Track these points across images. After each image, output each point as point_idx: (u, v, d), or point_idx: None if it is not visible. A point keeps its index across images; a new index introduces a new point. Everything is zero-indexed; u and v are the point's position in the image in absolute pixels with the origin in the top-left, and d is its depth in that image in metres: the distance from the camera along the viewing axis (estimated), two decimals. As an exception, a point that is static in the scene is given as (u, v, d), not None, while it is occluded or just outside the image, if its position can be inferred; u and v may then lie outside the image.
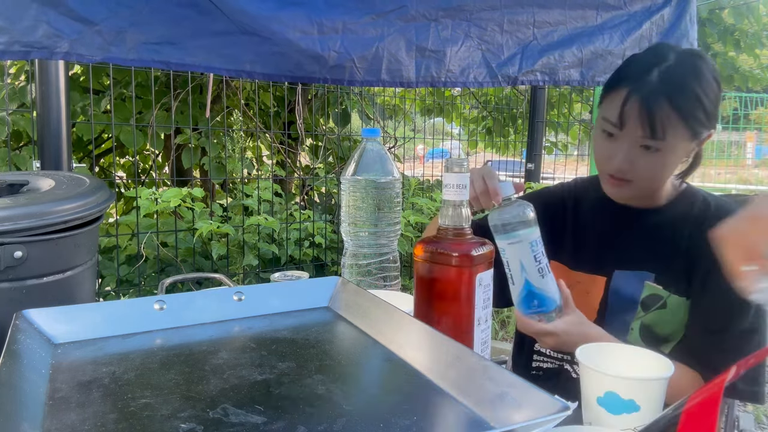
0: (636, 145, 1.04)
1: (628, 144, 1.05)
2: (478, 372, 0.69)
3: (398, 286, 1.32)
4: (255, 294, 1.00)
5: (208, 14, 1.48)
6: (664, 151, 1.04)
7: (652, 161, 1.05)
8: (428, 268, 0.87)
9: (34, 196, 1.02)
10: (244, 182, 3.46)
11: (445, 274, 0.86)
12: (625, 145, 1.05)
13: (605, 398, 0.69)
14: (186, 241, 3.01)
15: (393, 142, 4.44)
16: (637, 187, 1.10)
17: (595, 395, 0.70)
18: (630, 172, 1.07)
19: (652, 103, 1.01)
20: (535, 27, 1.88)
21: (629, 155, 1.05)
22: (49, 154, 1.90)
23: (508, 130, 4.86)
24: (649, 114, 1.01)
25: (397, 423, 0.63)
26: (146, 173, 4.00)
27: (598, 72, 1.99)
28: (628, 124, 1.03)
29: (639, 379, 0.70)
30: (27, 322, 0.82)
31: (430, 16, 1.75)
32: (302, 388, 0.71)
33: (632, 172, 1.07)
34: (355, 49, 1.67)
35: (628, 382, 0.69)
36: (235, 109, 3.89)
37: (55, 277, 0.97)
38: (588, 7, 1.92)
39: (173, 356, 0.80)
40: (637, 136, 1.03)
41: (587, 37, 1.94)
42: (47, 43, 1.33)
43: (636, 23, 1.97)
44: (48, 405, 0.66)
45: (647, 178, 1.09)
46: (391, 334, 0.86)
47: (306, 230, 3.28)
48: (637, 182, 1.09)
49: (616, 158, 1.06)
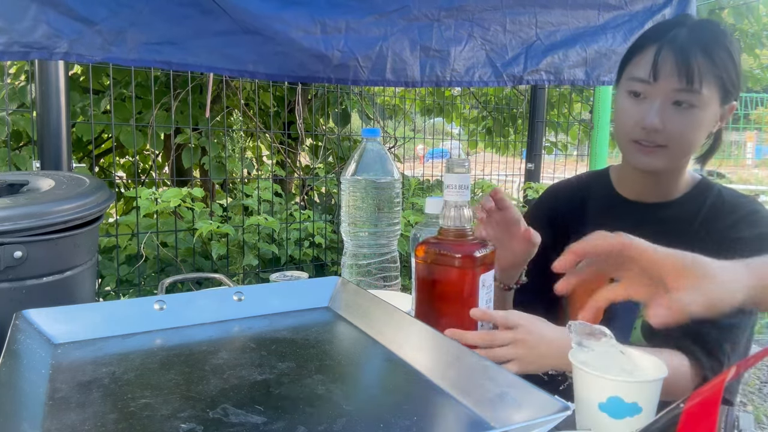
0: (668, 101, 1.01)
1: (661, 100, 1.01)
2: (478, 372, 0.69)
3: (398, 286, 1.32)
4: (255, 294, 1.00)
5: (209, 14, 1.48)
6: (697, 108, 1.00)
7: (685, 120, 1.01)
8: (430, 269, 0.87)
9: (34, 196, 1.01)
10: (244, 182, 3.45)
11: (447, 275, 0.86)
12: (657, 102, 1.01)
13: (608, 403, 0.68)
14: (186, 241, 3.01)
15: (393, 142, 4.44)
16: (669, 153, 1.04)
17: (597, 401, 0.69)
18: (662, 134, 1.02)
19: (687, 50, 0.98)
20: (537, 27, 1.88)
21: (662, 113, 1.01)
22: (49, 154, 1.89)
23: (508, 130, 4.86)
24: (684, 61, 0.98)
25: (397, 423, 0.63)
26: (146, 173, 4.00)
27: (603, 71, 1.99)
28: (662, 75, 1.00)
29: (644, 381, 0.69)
30: (27, 322, 0.82)
31: (433, 16, 1.75)
32: (302, 388, 0.71)
33: (664, 134, 1.02)
34: (359, 49, 1.67)
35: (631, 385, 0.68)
36: (235, 109, 3.89)
37: (55, 277, 0.97)
38: (589, 8, 1.92)
39: (173, 356, 0.80)
40: (670, 90, 1.00)
41: (590, 37, 1.95)
42: (47, 43, 1.32)
43: (638, 23, 1.97)
44: (48, 405, 0.66)
45: (679, 141, 1.03)
46: (391, 334, 0.86)
47: (306, 230, 3.28)
48: (670, 147, 1.03)
49: (647, 117, 1.01)
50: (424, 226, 0.96)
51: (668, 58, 0.99)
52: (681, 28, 1.02)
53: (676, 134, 1.02)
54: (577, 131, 4.70)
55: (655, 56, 1.00)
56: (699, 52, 0.98)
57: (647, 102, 1.03)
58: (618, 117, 1.09)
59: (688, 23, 1.03)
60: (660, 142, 1.03)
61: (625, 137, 1.07)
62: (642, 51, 1.04)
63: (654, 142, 1.03)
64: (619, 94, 1.09)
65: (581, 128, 4.61)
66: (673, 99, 1.00)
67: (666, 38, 1.01)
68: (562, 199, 1.28)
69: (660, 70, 1.00)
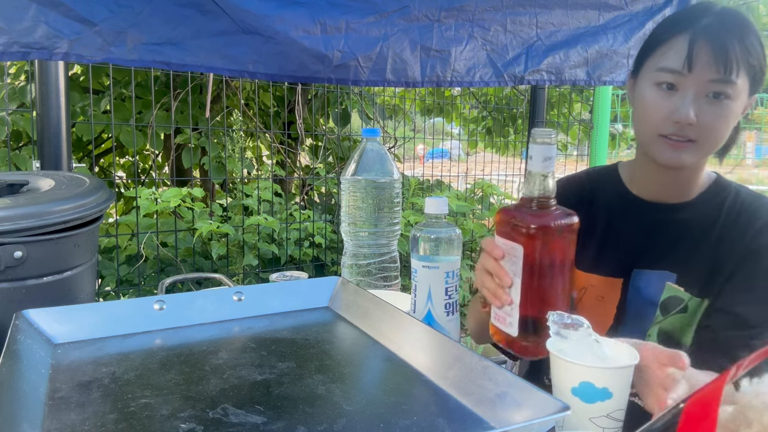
0: (702, 93, 0.96)
1: (695, 91, 0.96)
2: (478, 372, 0.69)
3: (398, 286, 1.32)
4: (255, 294, 1.00)
5: (209, 14, 1.48)
6: (730, 100, 0.96)
7: (718, 112, 0.96)
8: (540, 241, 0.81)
9: (34, 196, 1.01)
10: (244, 182, 3.46)
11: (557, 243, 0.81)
12: (691, 93, 0.96)
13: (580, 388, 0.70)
14: (186, 241, 3.01)
15: (393, 142, 4.44)
16: (698, 148, 0.99)
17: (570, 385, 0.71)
18: (694, 128, 0.97)
19: (724, 38, 0.93)
20: (538, 27, 1.88)
21: (695, 105, 0.96)
22: (49, 154, 1.89)
23: (508, 130, 4.86)
24: (722, 49, 0.93)
25: (397, 423, 0.63)
26: (146, 173, 4.00)
27: (605, 72, 1.99)
28: (698, 65, 0.95)
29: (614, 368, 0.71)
30: (27, 322, 0.82)
31: (433, 16, 1.75)
32: (302, 388, 0.71)
33: (696, 128, 0.97)
34: (359, 49, 1.67)
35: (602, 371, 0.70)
36: (235, 109, 3.89)
37: (55, 277, 0.97)
38: (589, 8, 1.92)
39: (173, 356, 0.80)
40: (706, 80, 0.95)
41: (591, 37, 1.95)
42: (46, 43, 1.32)
43: (638, 23, 1.97)
44: (48, 405, 0.66)
45: (710, 136, 0.98)
46: (391, 334, 0.86)
47: (306, 230, 3.28)
48: (699, 141, 0.98)
49: (680, 109, 0.96)
50: (424, 226, 0.95)
51: (704, 46, 0.94)
52: (710, 16, 0.97)
53: (708, 128, 0.97)
54: (577, 131, 4.70)
55: (690, 45, 0.95)
56: (735, 40, 0.94)
57: (679, 94, 0.97)
58: (644, 111, 1.02)
59: (715, 10, 0.98)
60: (691, 137, 0.98)
61: (652, 132, 1.01)
62: (669, 40, 0.98)
63: (685, 136, 0.98)
64: (644, 87, 1.02)
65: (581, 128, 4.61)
66: (707, 90, 0.96)
67: (698, 26, 0.96)
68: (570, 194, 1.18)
69: (696, 59, 0.94)
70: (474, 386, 0.68)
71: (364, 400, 0.69)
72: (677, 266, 1.04)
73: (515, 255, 0.81)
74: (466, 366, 0.71)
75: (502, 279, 0.84)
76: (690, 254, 1.04)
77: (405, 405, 0.67)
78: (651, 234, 1.08)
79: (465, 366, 0.71)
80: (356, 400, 0.68)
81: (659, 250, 1.06)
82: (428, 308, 0.94)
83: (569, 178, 1.24)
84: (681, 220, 1.06)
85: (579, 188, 1.18)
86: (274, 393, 0.69)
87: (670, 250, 1.05)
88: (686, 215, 1.06)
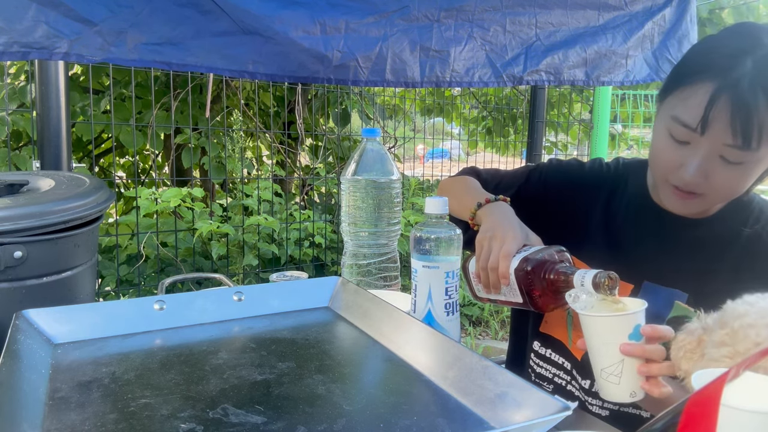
0: (715, 155, 0.84)
1: (706, 153, 0.85)
2: (478, 372, 0.69)
3: (398, 286, 1.32)
4: (255, 294, 1.00)
5: (209, 14, 1.48)
6: (748, 164, 0.84)
7: (731, 175, 0.86)
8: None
9: (34, 196, 1.01)
10: (244, 182, 3.46)
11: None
12: (701, 154, 0.85)
13: (634, 332, 0.76)
14: (186, 241, 3.01)
15: (393, 142, 4.44)
16: (707, 201, 0.92)
17: (627, 333, 0.75)
18: (702, 186, 0.88)
19: (750, 103, 0.80)
20: (537, 27, 1.88)
21: (705, 166, 0.86)
22: (49, 154, 1.89)
23: (508, 130, 4.86)
24: (743, 119, 0.80)
25: (397, 423, 0.63)
26: (146, 173, 4.00)
27: (603, 72, 1.99)
28: (713, 129, 0.82)
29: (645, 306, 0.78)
30: (27, 322, 0.82)
31: (432, 16, 1.75)
32: (302, 388, 0.71)
33: (705, 186, 0.88)
34: (358, 49, 1.67)
35: (641, 314, 0.76)
36: (235, 109, 3.89)
37: (55, 277, 0.97)
38: (589, 8, 1.92)
39: (173, 356, 0.80)
40: (720, 145, 0.83)
41: (590, 37, 1.94)
42: (46, 43, 1.32)
43: (638, 23, 1.97)
44: (48, 405, 0.66)
45: (721, 193, 0.90)
46: (391, 334, 0.86)
47: (306, 230, 3.28)
48: (709, 196, 0.90)
49: (688, 169, 0.86)
50: (424, 226, 0.95)
51: (724, 109, 0.81)
52: (747, 61, 0.81)
53: (719, 187, 0.88)
54: (577, 131, 4.70)
55: (708, 105, 0.82)
56: (764, 104, 0.80)
57: (689, 149, 0.87)
58: (655, 154, 0.94)
59: (759, 53, 0.82)
60: (699, 192, 0.89)
61: (661, 176, 0.94)
62: (693, 83, 0.85)
63: (692, 191, 0.90)
64: (659, 128, 0.92)
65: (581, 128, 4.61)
66: (721, 153, 0.84)
67: (728, 78, 0.81)
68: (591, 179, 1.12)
69: (712, 122, 0.82)
70: (474, 386, 0.68)
71: (364, 400, 0.69)
72: (690, 287, 0.98)
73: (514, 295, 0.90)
74: (466, 366, 0.71)
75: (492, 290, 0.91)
76: (704, 275, 0.97)
77: (405, 405, 0.67)
78: (665, 248, 1.02)
79: (465, 366, 0.71)
80: (356, 400, 0.68)
81: (672, 267, 1.00)
82: (428, 308, 0.94)
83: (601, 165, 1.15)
84: (697, 238, 0.99)
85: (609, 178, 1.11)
86: (274, 393, 0.69)
87: (683, 269, 0.99)
88: (703, 233, 0.99)
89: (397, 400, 0.69)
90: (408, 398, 0.70)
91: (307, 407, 0.66)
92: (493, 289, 0.91)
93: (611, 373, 0.76)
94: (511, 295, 0.90)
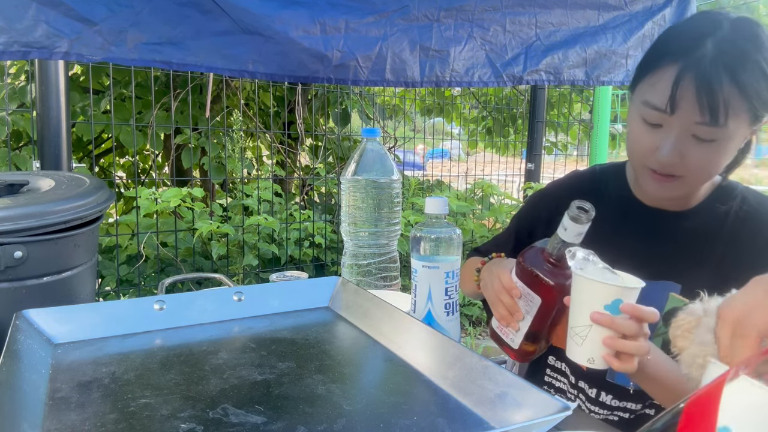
0: (688, 134, 0.88)
1: (678, 132, 0.88)
2: (478, 372, 0.69)
3: (398, 286, 1.32)
4: (255, 294, 1.00)
5: (209, 14, 1.48)
6: (720, 141, 0.88)
7: (705, 153, 0.89)
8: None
9: (34, 196, 1.01)
10: (244, 182, 3.46)
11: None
12: (674, 134, 0.89)
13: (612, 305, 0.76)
14: (186, 241, 3.01)
15: (393, 142, 4.44)
16: (686, 183, 0.94)
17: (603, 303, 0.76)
18: (679, 167, 0.91)
19: (713, 80, 0.83)
20: (537, 27, 1.88)
21: (679, 146, 0.89)
22: (49, 154, 1.90)
23: (508, 130, 4.86)
24: (708, 95, 0.84)
25: (397, 423, 0.63)
26: (146, 173, 4.00)
27: (603, 72, 1.99)
28: (681, 109, 0.86)
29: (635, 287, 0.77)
30: (27, 322, 0.82)
31: (432, 16, 1.75)
32: (302, 388, 0.71)
33: (682, 167, 0.91)
34: (358, 49, 1.67)
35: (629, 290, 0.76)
36: (235, 109, 3.89)
37: (55, 277, 0.97)
38: (589, 8, 1.92)
39: (173, 356, 0.80)
40: (690, 123, 0.87)
41: (590, 37, 1.94)
42: (47, 43, 1.32)
43: (638, 23, 1.97)
44: (48, 405, 0.66)
45: (698, 173, 0.93)
46: (391, 334, 0.86)
47: (306, 230, 3.28)
48: (687, 177, 0.93)
49: (662, 150, 0.90)
50: (425, 226, 0.95)
51: (689, 88, 0.85)
52: (706, 43, 0.85)
53: (695, 167, 0.91)
54: (577, 131, 4.71)
55: (673, 85, 0.86)
56: (726, 80, 0.83)
57: (662, 131, 0.90)
58: (631, 141, 0.97)
59: (718, 34, 0.86)
60: (677, 173, 0.92)
61: (639, 162, 0.96)
62: (659, 68, 0.89)
63: (671, 173, 0.93)
64: (632, 116, 0.96)
65: (581, 128, 4.62)
66: (693, 131, 0.88)
67: (688, 58, 0.86)
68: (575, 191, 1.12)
69: (678, 102, 0.86)
70: (474, 386, 0.68)
71: (364, 400, 0.69)
72: (681, 277, 1.00)
73: (531, 301, 0.87)
74: (466, 366, 0.71)
75: (515, 314, 0.88)
76: (694, 265, 1.00)
77: (405, 405, 0.67)
78: (654, 243, 1.04)
79: (465, 366, 0.71)
80: (356, 400, 0.68)
81: (663, 261, 1.02)
82: (428, 308, 0.94)
83: (577, 174, 1.21)
84: (685, 229, 1.02)
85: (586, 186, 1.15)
86: (274, 393, 0.69)
87: (674, 260, 1.01)
88: (690, 224, 1.02)
89: (397, 400, 0.69)
90: (408, 398, 0.70)
91: (307, 407, 0.66)
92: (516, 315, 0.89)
93: (577, 333, 0.79)
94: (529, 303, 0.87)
